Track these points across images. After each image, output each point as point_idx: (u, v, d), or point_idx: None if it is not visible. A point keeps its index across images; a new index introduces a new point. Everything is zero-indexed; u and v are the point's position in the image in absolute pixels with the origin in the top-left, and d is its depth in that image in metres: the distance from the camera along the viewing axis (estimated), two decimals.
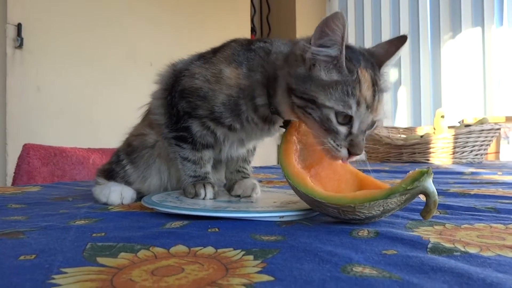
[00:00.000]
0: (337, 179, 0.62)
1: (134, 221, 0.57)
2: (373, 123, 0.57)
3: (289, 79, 0.59)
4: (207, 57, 0.73)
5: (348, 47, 0.58)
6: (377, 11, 3.82)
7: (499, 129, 2.13)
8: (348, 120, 0.54)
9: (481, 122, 2.12)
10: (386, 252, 0.40)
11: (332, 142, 0.55)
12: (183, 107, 0.72)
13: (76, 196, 0.84)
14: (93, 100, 2.25)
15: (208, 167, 0.77)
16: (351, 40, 3.96)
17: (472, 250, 0.40)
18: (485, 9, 3.29)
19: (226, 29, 2.97)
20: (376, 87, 0.56)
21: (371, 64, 0.59)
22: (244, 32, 3.26)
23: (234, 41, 0.75)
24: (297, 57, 0.59)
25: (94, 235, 0.48)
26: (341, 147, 0.55)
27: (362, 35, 3.88)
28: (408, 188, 0.49)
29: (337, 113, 0.54)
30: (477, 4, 3.33)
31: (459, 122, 2.56)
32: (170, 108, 0.74)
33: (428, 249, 0.41)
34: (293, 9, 3.78)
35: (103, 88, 2.30)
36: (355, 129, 0.55)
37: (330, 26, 0.53)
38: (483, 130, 2.03)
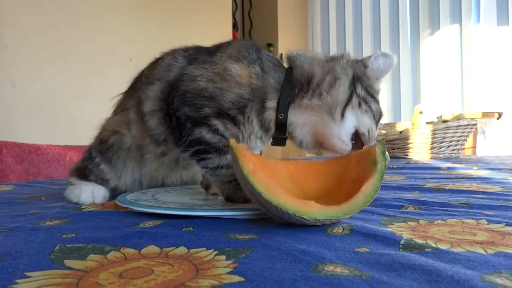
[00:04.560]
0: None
1: (107, 221, 0.56)
2: None
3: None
4: (203, 59, 0.70)
5: None
6: (358, 8, 3.85)
7: (475, 124, 2.17)
8: None
9: (458, 118, 2.16)
10: (359, 249, 0.40)
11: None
12: (185, 112, 0.67)
13: (50, 195, 0.82)
14: (71, 96, 2.20)
15: None
16: (332, 38, 3.99)
17: (443, 246, 0.41)
18: (463, 7, 3.36)
19: (207, 24, 2.94)
20: None
21: None
22: (225, 27, 3.24)
23: (235, 41, 0.73)
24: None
25: (64, 236, 0.47)
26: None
27: (344, 32, 3.91)
28: (385, 163, 0.52)
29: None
30: (455, 2, 3.40)
31: (437, 118, 2.60)
32: (169, 120, 0.69)
33: (400, 246, 0.41)
34: (275, 5, 3.77)
35: (82, 84, 2.25)
36: None
37: None
38: (460, 125, 2.07)
